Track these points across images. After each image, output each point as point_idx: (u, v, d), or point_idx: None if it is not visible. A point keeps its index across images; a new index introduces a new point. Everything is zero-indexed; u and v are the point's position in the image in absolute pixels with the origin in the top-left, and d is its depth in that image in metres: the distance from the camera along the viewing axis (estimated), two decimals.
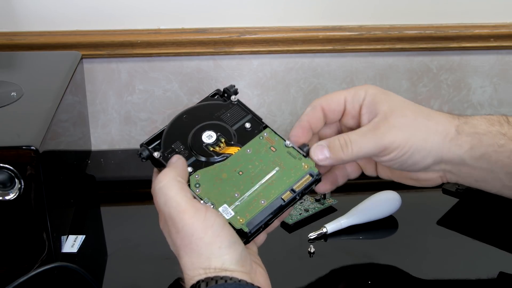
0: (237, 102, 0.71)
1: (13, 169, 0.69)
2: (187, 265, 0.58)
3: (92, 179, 0.98)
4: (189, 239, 0.57)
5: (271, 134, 0.68)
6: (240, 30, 1.03)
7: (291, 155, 0.66)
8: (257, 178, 0.65)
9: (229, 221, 0.61)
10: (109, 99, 1.07)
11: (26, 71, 0.89)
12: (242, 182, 0.64)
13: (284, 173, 0.65)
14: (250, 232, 0.61)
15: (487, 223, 0.86)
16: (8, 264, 0.75)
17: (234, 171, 0.65)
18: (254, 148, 0.67)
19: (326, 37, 1.04)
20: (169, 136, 0.68)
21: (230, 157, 0.66)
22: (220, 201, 0.63)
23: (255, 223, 0.62)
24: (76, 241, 0.81)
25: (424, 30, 1.05)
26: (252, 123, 0.69)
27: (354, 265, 0.78)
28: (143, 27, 1.02)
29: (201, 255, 0.57)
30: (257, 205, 0.63)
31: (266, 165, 0.66)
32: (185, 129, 0.68)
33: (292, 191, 0.64)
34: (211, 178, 0.64)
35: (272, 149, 0.67)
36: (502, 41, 1.06)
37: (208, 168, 0.65)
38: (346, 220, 0.83)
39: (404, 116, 0.66)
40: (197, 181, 0.64)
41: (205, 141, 0.67)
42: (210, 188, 0.64)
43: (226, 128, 0.68)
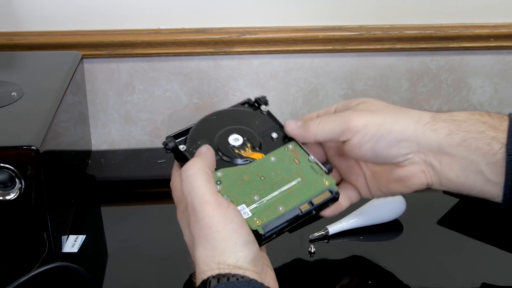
0: (267, 112, 0.72)
1: (13, 169, 0.69)
2: (201, 257, 0.57)
3: (93, 179, 0.98)
4: (206, 231, 0.57)
5: (297, 147, 0.69)
6: (240, 30, 1.03)
7: (314, 169, 0.67)
8: (277, 185, 0.66)
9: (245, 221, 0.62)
10: (109, 99, 1.07)
11: (27, 71, 0.89)
12: (263, 187, 0.65)
13: (305, 185, 0.66)
14: (264, 235, 0.62)
15: (487, 223, 0.86)
16: (8, 264, 0.75)
17: (256, 175, 0.66)
18: (278, 157, 0.68)
19: (326, 37, 1.04)
20: (197, 133, 0.69)
21: (254, 161, 0.67)
22: (239, 201, 0.64)
23: (270, 227, 0.63)
24: (77, 241, 0.81)
25: (424, 30, 1.05)
26: (278, 134, 0.70)
27: (354, 265, 0.78)
28: (143, 27, 1.02)
29: (216, 249, 0.57)
30: (275, 210, 0.64)
31: (288, 175, 0.66)
32: (213, 129, 0.69)
33: (310, 204, 0.65)
34: (232, 178, 0.65)
35: (295, 161, 0.68)
36: (502, 41, 1.06)
37: (231, 168, 0.66)
38: (349, 223, 0.82)
39: (374, 105, 0.68)
40: (218, 178, 0.65)
41: (231, 143, 0.68)
42: (231, 187, 0.65)
43: (253, 134, 0.70)
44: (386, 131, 0.65)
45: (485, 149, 0.63)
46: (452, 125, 0.65)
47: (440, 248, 0.81)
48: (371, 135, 0.65)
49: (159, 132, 1.11)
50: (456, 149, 0.64)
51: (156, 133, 1.11)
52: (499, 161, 0.63)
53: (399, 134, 0.65)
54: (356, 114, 0.66)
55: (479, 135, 0.64)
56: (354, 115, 0.66)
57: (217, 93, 1.08)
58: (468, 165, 0.65)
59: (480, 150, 0.64)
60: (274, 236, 0.64)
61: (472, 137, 0.64)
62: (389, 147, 0.65)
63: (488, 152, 0.63)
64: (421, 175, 0.67)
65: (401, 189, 0.69)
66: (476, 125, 0.64)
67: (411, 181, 0.67)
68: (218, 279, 0.55)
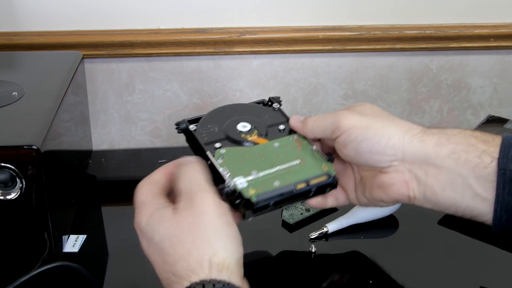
0: (278, 108, 0.76)
1: (14, 169, 0.69)
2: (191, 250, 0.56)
3: (93, 179, 0.98)
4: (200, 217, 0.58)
5: (300, 138, 0.72)
6: (240, 30, 1.03)
7: (314, 157, 0.69)
8: (277, 164, 0.68)
9: (240, 190, 0.64)
10: (109, 99, 1.07)
11: (27, 71, 0.89)
12: (263, 165, 0.67)
13: (303, 168, 0.68)
14: (257, 203, 0.63)
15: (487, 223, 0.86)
16: (9, 264, 0.75)
17: (257, 156, 0.69)
18: (281, 143, 0.71)
19: (326, 37, 1.04)
20: (208, 118, 0.73)
21: (258, 145, 0.70)
22: (237, 173, 0.65)
23: (264, 197, 0.64)
24: (77, 240, 0.81)
25: (424, 30, 1.05)
26: (286, 126, 0.74)
27: (355, 265, 0.78)
28: (143, 27, 1.02)
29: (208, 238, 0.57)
30: (270, 184, 0.65)
31: (288, 157, 0.69)
32: (224, 117, 0.74)
33: (306, 183, 0.67)
34: (235, 155, 0.68)
35: (298, 148, 0.70)
36: (502, 41, 1.07)
37: (235, 148, 0.69)
38: (347, 220, 0.83)
39: (369, 109, 0.69)
40: (221, 155, 0.68)
41: (239, 129, 0.72)
42: (232, 162, 0.67)
43: (261, 124, 0.73)
44: (371, 134, 0.65)
45: (475, 162, 0.62)
46: (441, 137, 0.64)
47: (440, 248, 0.81)
48: (356, 135, 0.65)
49: (159, 132, 1.11)
50: (444, 160, 0.63)
51: (156, 133, 1.11)
52: (490, 175, 0.61)
53: (385, 139, 0.65)
54: (347, 115, 0.67)
55: (469, 147, 0.63)
56: (345, 115, 0.67)
57: (217, 93, 1.08)
58: (456, 178, 0.63)
59: (469, 163, 0.62)
60: (267, 209, 0.65)
61: (462, 149, 0.63)
62: (371, 151, 0.65)
63: (478, 165, 0.62)
64: (403, 185, 0.66)
65: (382, 197, 0.68)
66: (467, 138, 0.64)
67: (392, 189, 0.66)
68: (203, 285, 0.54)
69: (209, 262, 0.55)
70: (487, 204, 0.63)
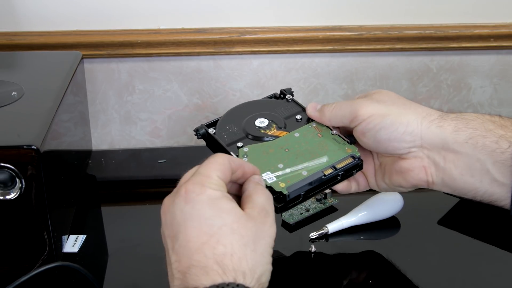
0: (291, 99, 0.78)
1: (14, 169, 0.69)
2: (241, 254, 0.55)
3: (93, 179, 0.98)
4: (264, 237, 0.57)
5: (319, 125, 0.74)
6: (240, 30, 1.03)
7: (336, 141, 0.71)
8: (301, 156, 0.70)
9: (270, 185, 0.66)
10: (109, 99, 1.07)
11: (27, 71, 0.89)
12: (287, 157, 0.69)
13: (328, 153, 0.70)
14: (289, 196, 0.66)
15: (487, 223, 0.86)
16: (9, 264, 0.75)
17: (280, 148, 0.70)
18: (302, 133, 0.73)
19: (326, 37, 1.04)
20: (225, 120, 0.75)
21: (279, 138, 0.72)
22: (265, 169, 0.67)
23: (294, 188, 0.66)
24: (77, 240, 0.81)
25: (424, 30, 1.05)
26: (303, 116, 0.76)
27: (355, 265, 0.78)
28: (143, 27, 1.02)
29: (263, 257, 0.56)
30: (299, 175, 0.67)
31: (311, 146, 0.71)
32: (241, 115, 0.76)
33: (333, 168, 0.69)
34: (258, 152, 0.70)
35: (318, 135, 0.72)
36: (502, 41, 1.07)
37: (257, 144, 0.71)
38: (348, 221, 0.82)
39: (387, 95, 0.70)
40: (245, 153, 0.70)
41: (258, 125, 0.74)
42: (257, 159, 0.69)
43: (278, 117, 0.75)
44: (389, 122, 0.66)
45: (492, 147, 0.63)
46: (459, 122, 0.65)
47: (440, 248, 0.81)
48: (375, 124, 0.67)
49: (159, 132, 1.11)
50: (462, 146, 0.64)
51: (156, 133, 1.11)
52: (507, 160, 0.62)
53: (403, 126, 0.66)
54: (365, 103, 0.68)
55: (487, 133, 0.63)
56: (363, 104, 0.68)
57: (217, 93, 1.08)
58: (474, 163, 0.64)
59: (487, 148, 0.63)
60: (299, 199, 0.67)
61: (480, 134, 0.64)
62: (390, 138, 0.66)
63: (495, 150, 0.63)
64: (421, 170, 0.67)
65: (401, 182, 0.70)
66: (484, 123, 0.64)
67: (410, 175, 0.68)
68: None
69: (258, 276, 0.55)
70: (506, 189, 0.64)
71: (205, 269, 0.54)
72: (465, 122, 0.65)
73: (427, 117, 0.66)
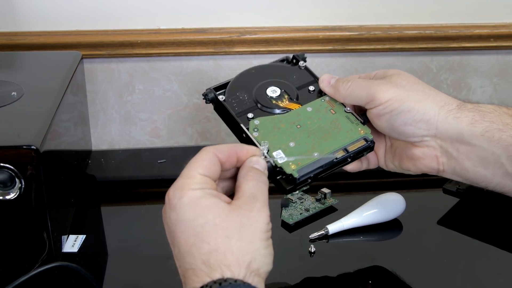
0: (304, 67, 0.76)
1: (13, 169, 0.69)
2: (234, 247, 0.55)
3: (93, 179, 0.98)
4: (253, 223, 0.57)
5: (333, 100, 0.72)
6: (240, 30, 1.03)
7: (349, 119, 0.70)
8: (313, 133, 0.68)
9: (280, 165, 0.65)
10: (109, 99, 1.07)
11: (27, 71, 0.89)
12: (299, 134, 0.68)
13: (340, 134, 0.69)
14: (299, 179, 0.65)
15: (487, 223, 0.86)
16: (8, 264, 0.75)
17: (292, 124, 0.69)
18: (314, 107, 0.71)
19: (326, 37, 1.04)
20: (235, 85, 0.73)
21: (291, 111, 0.70)
22: (275, 146, 0.66)
23: (305, 172, 0.65)
24: (77, 241, 0.81)
25: (424, 30, 1.05)
26: (316, 87, 0.73)
27: (354, 265, 0.78)
28: (143, 27, 1.02)
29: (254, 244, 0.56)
30: (310, 156, 0.66)
31: (324, 123, 0.69)
32: (251, 81, 0.73)
33: (345, 151, 0.68)
34: (269, 126, 0.68)
35: (331, 112, 0.71)
36: (502, 41, 1.06)
37: (268, 117, 0.70)
38: (348, 223, 0.82)
39: (406, 79, 0.68)
40: (255, 126, 0.68)
41: (269, 94, 0.72)
42: (267, 133, 0.67)
43: (291, 87, 0.73)
44: (406, 108, 0.66)
45: (509, 141, 0.63)
46: (476, 114, 0.64)
47: (440, 248, 0.81)
48: (391, 108, 0.66)
49: (159, 132, 1.11)
50: (478, 139, 0.64)
51: (156, 133, 1.11)
52: None
53: (420, 114, 0.65)
54: (383, 87, 0.67)
55: (504, 126, 0.63)
56: (381, 88, 0.67)
57: None
58: (488, 157, 0.64)
59: (502, 142, 0.63)
60: (308, 181, 0.66)
61: (496, 128, 0.63)
62: (405, 124, 0.66)
63: (510, 144, 0.62)
64: (433, 159, 0.67)
65: (410, 167, 0.70)
66: (501, 116, 0.64)
67: (421, 162, 0.68)
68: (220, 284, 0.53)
69: (247, 264, 0.55)
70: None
71: (195, 271, 0.54)
72: (482, 114, 0.64)
73: (445, 106, 0.66)
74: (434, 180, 0.90)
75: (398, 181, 0.94)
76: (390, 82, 0.68)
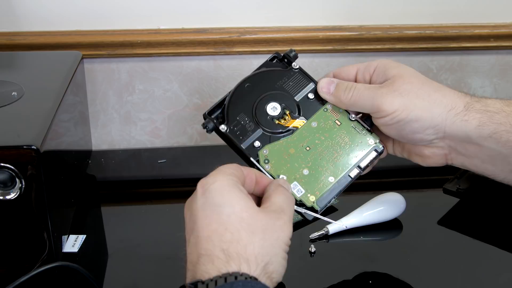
0: (298, 69, 0.73)
1: (14, 169, 0.69)
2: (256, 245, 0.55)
3: (93, 179, 0.98)
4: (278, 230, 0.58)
5: (335, 107, 0.71)
6: (240, 30, 1.03)
7: (356, 129, 0.70)
8: (324, 154, 0.68)
9: (300, 199, 0.65)
10: (109, 99, 1.07)
11: (27, 71, 0.89)
12: (310, 158, 0.67)
13: (351, 149, 0.69)
14: (321, 210, 0.66)
15: (487, 223, 0.86)
16: (8, 264, 0.75)
17: (301, 146, 0.68)
18: (319, 121, 0.70)
19: (326, 37, 1.04)
20: (233, 106, 0.69)
21: (296, 131, 0.69)
22: (290, 178, 0.66)
23: (325, 201, 0.66)
24: (77, 240, 0.81)
25: (424, 30, 1.05)
26: (315, 93, 0.72)
27: (354, 265, 0.78)
28: (143, 27, 1.02)
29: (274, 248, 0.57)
30: (326, 182, 0.67)
31: (332, 140, 0.69)
32: (248, 99, 0.70)
33: (358, 168, 0.68)
34: (279, 154, 0.67)
35: (337, 123, 0.70)
36: (502, 41, 1.07)
37: (275, 143, 0.68)
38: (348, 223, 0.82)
39: (409, 83, 0.67)
40: (265, 157, 0.67)
41: (270, 113, 0.69)
42: (280, 164, 0.67)
43: (290, 99, 0.71)
44: (414, 118, 0.66)
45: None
46: (483, 116, 0.65)
47: (440, 248, 0.81)
48: (399, 119, 0.66)
49: (159, 132, 1.11)
50: (485, 140, 0.65)
51: (156, 133, 1.11)
52: None
53: (427, 122, 0.66)
54: (388, 98, 0.66)
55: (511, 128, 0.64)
56: (385, 98, 0.66)
57: (217, 93, 1.08)
58: (496, 156, 0.65)
59: (510, 143, 0.63)
60: (328, 204, 0.67)
61: (504, 129, 0.64)
62: (414, 133, 0.67)
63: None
64: (442, 157, 0.69)
65: (419, 162, 0.72)
66: (509, 117, 0.64)
67: (431, 160, 0.70)
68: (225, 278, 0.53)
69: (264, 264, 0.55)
70: None
71: (211, 258, 0.54)
72: (490, 115, 0.65)
73: (452, 110, 0.66)
74: (434, 180, 0.90)
75: (398, 181, 0.95)
76: (394, 91, 0.67)
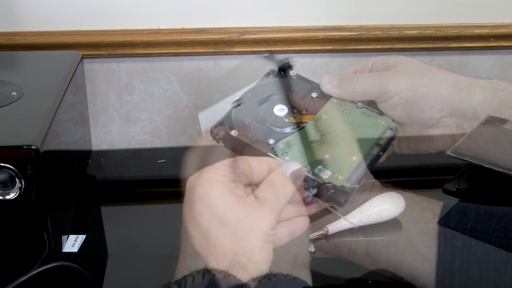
0: (296, 77, 0.74)
1: (13, 169, 0.69)
2: None
3: (93, 179, 0.98)
4: None
5: (340, 100, 0.71)
6: (240, 30, 1.03)
7: (366, 114, 0.69)
8: (341, 139, 0.67)
9: (328, 180, 0.64)
10: (109, 99, 1.07)
11: (27, 71, 0.89)
12: (328, 145, 0.67)
13: (365, 131, 0.68)
14: (352, 187, 0.64)
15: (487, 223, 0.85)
16: (8, 264, 0.75)
17: (316, 136, 0.68)
18: (328, 113, 0.70)
19: (326, 37, 1.04)
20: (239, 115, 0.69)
21: (308, 124, 0.68)
22: (315, 164, 0.65)
23: (354, 178, 0.65)
24: (77, 240, 0.81)
25: (424, 30, 1.05)
26: (317, 92, 0.72)
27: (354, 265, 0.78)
28: (143, 27, 1.02)
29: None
30: (351, 161, 0.65)
31: (345, 126, 0.68)
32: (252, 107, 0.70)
33: (378, 145, 0.68)
34: (295, 146, 0.67)
35: (346, 112, 0.70)
36: (502, 41, 1.06)
37: (290, 137, 0.67)
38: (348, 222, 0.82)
39: (412, 65, 0.69)
40: (282, 150, 0.66)
41: (278, 114, 0.69)
42: (298, 154, 0.66)
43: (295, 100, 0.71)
44: (421, 96, 0.66)
45: None
46: (487, 91, 0.65)
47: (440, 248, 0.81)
48: (406, 98, 0.66)
49: (159, 132, 1.11)
50: None
51: (156, 133, 1.11)
52: None
53: (434, 99, 0.66)
54: (394, 78, 0.67)
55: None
56: (391, 79, 0.67)
57: (217, 93, 1.08)
58: None
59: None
60: (355, 189, 0.66)
61: (507, 105, 0.65)
62: (422, 111, 0.67)
63: None
64: (450, 138, 0.69)
65: (428, 148, 0.72)
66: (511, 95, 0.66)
67: (439, 143, 0.70)
68: None
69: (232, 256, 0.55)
70: None
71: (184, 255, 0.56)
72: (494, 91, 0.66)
73: (457, 85, 0.67)
74: (434, 180, 0.90)
75: (398, 181, 0.94)
76: (398, 72, 0.68)
